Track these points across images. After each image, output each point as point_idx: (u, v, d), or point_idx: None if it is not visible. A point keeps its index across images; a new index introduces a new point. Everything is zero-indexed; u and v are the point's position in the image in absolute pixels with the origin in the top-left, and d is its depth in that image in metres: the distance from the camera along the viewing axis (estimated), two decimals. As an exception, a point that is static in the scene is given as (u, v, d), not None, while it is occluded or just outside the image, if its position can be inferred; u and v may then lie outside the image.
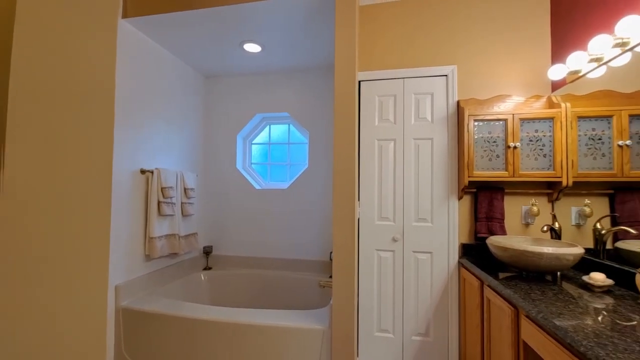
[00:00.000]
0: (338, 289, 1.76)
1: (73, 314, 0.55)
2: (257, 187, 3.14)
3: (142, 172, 2.31)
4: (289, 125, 3.30)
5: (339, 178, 1.78)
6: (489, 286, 1.54)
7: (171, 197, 2.42)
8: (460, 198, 2.03)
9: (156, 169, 2.35)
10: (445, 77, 2.08)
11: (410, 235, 2.09)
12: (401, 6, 2.18)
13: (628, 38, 1.30)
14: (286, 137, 3.32)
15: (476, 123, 1.91)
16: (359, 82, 2.21)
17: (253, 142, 3.38)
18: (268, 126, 3.35)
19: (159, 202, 2.34)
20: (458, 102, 2.04)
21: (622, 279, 1.37)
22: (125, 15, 2.13)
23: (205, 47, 2.56)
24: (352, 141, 1.77)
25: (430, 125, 2.09)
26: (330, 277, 2.82)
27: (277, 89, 3.10)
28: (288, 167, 3.31)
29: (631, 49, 1.32)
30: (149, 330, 2.00)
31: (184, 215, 2.62)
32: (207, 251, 3.00)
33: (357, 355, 2.12)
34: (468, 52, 2.07)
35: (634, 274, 1.24)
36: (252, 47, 2.53)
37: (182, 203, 2.59)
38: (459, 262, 2.01)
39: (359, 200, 2.17)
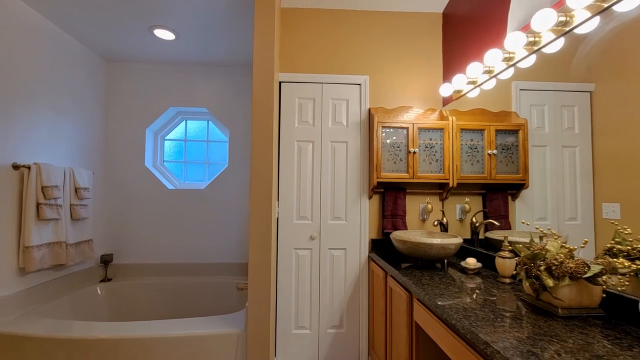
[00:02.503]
0: (254, 290, 1.74)
1: None
2: (170, 187, 2.89)
3: (15, 167, 1.90)
4: (207, 121, 3.13)
5: (257, 177, 1.76)
6: (391, 276, 1.72)
7: (56, 198, 2.05)
8: (370, 197, 2.21)
9: (35, 164, 1.97)
10: (359, 85, 2.25)
11: (326, 233, 2.19)
12: (325, 14, 2.28)
13: (493, 67, 1.61)
14: (205, 134, 3.14)
15: (384, 130, 2.11)
16: (280, 82, 2.23)
17: (166, 137, 3.10)
18: (184, 121, 3.12)
19: (38, 204, 1.96)
20: (369, 110, 2.23)
21: (488, 262, 1.68)
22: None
23: (103, 25, 2.24)
24: (269, 141, 1.77)
25: (346, 130, 2.23)
26: (250, 279, 2.77)
27: (195, 82, 2.91)
28: (206, 166, 3.13)
29: (495, 76, 1.64)
30: (25, 358, 1.66)
31: (74, 219, 2.25)
32: (106, 260, 2.63)
33: (275, 355, 2.13)
34: (379, 65, 2.28)
35: (494, 257, 1.54)
36: (163, 34, 2.33)
37: (71, 205, 2.22)
38: (369, 256, 2.19)
39: (278, 200, 2.18)
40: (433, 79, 2.29)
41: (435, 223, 2.02)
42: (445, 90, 1.98)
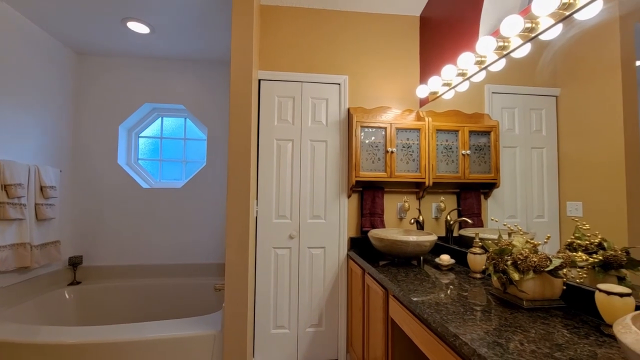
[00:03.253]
0: (231, 290, 1.72)
1: None
2: (145, 186, 2.80)
3: (-27, 164, 1.79)
4: (185, 119, 3.05)
5: (235, 176, 1.74)
6: (368, 273, 1.74)
7: (20, 197, 1.94)
8: (349, 196, 2.23)
9: (-4, 161, 1.85)
10: (338, 85, 2.27)
11: (305, 231, 2.19)
12: (306, 13, 2.27)
13: (466, 69, 1.67)
14: (182, 132, 3.06)
15: (363, 129, 2.14)
16: (260, 80, 2.21)
17: (141, 135, 3.00)
18: (160, 118, 3.03)
19: (0, 204, 1.84)
20: (349, 110, 2.25)
21: (461, 258, 1.73)
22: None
23: (73, 16, 2.14)
24: (248, 139, 1.75)
25: (325, 129, 2.24)
26: (229, 279, 2.73)
27: (172, 78, 2.84)
28: (183, 164, 3.06)
29: (468, 79, 1.69)
30: (-21, 368, 1.56)
31: (40, 219, 2.14)
32: (75, 262, 2.51)
33: (253, 356, 2.11)
34: (358, 65, 2.31)
35: (467, 253, 1.59)
36: (137, 27, 2.25)
37: (36, 204, 2.10)
38: (347, 254, 2.21)
39: (257, 199, 2.16)
40: (411, 80, 2.34)
41: (412, 221, 2.06)
42: (422, 91, 2.03)
